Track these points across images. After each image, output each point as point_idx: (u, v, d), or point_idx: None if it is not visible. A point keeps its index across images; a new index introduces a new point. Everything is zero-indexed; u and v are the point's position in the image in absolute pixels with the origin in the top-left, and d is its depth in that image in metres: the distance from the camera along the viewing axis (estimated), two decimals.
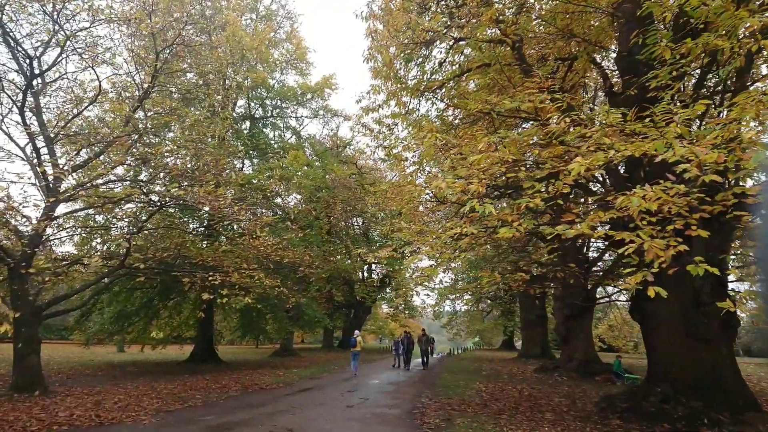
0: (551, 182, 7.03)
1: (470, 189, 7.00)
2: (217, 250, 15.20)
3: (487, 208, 6.59)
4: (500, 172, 7.25)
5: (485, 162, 6.76)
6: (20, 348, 11.58)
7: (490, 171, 7.04)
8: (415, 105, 12.28)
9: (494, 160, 6.93)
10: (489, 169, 7.01)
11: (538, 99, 7.17)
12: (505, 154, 6.81)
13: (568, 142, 7.08)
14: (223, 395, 12.84)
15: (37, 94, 11.72)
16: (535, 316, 29.50)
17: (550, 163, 7.12)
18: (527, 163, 7.20)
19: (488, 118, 10.69)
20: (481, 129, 9.26)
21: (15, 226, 10.47)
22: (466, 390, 14.05)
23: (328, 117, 28.00)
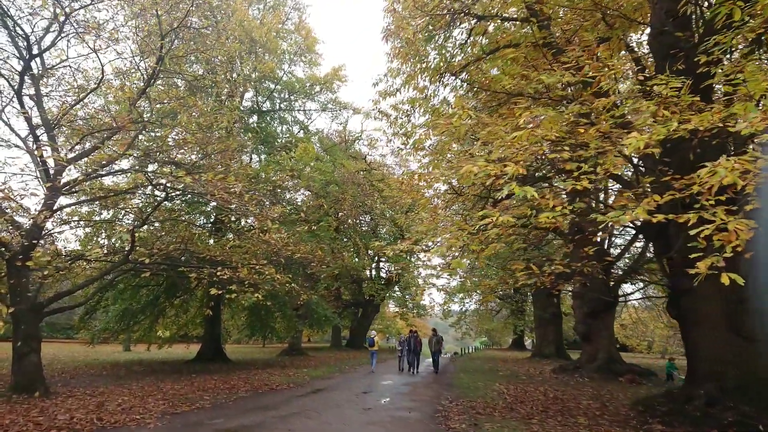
0: (599, 163, 6.32)
1: (507, 172, 6.31)
2: (225, 245, 14.59)
3: (528, 191, 5.91)
4: (540, 153, 6.56)
5: (526, 140, 6.05)
6: (19, 346, 10.98)
7: (530, 151, 6.34)
8: (433, 90, 11.60)
9: (533, 140, 6.23)
10: (529, 149, 6.31)
11: (585, 70, 6.46)
12: (547, 132, 6.10)
13: (617, 117, 6.37)
14: (232, 396, 12.20)
15: (37, 79, 11.12)
16: (550, 315, 28.73)
17: (594, 143, 6.43)
18: (569, 144, 6.48)
19: (515, 102, 9.99)
20: (512, 111, 8.54)
21: (11, 217, 9.86)
22: (487, 391, 13.35)
23: (338, 110, 27.31)
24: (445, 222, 10.06)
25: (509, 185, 6.07)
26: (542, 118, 6.07)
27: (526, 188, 5.95)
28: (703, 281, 5.98)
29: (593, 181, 6.08)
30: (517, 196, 6.64)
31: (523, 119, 6.01)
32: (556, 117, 6.11)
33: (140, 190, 12.44)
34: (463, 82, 11.36)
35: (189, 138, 9.14)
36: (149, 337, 22.20)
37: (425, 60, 10.07)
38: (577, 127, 6.42)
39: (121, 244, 15.15)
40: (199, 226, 16.09)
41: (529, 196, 5.91)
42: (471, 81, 10.48)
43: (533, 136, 6.19)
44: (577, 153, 6.36)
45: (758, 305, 8.32)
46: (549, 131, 5.99)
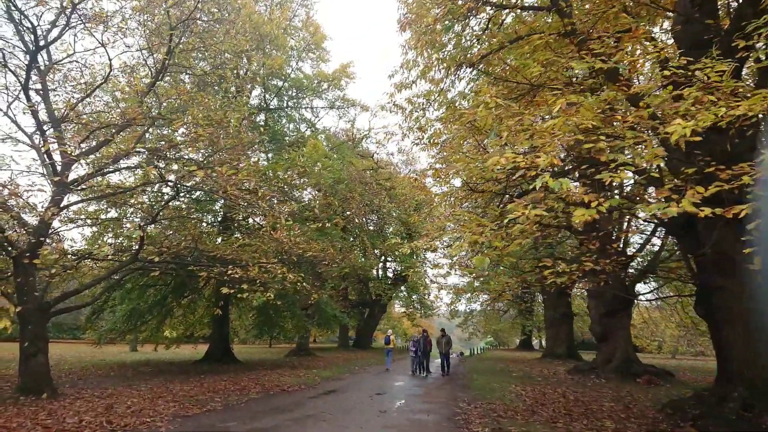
0: (637, 153, 5.96)
1: (538, 163, 5.96)
2: (233, 244, 14.29)
3: (564, 183, 5.55)
4: (574, 143, 6.20)
5: (562, 128, 5.70)
6: (26, 347, 10.71)
7: (564, 140, 5.99)
8: (449, 83, 11.24)
9: (567, 129, 5.88)
10: (562, 138, 5.96)
11: (619, 56, 6.10)
12: (583, 120, 5.74)
13: (655, 104, 6.01)
14: (243, 398, 11.90)
15: (43, 73, 10.86)
16: (561, 315, 28.31)
17: (630, 132, 6.07)
18: (604, 133, 6.12)
19: (537, 93, 9.64)
20: (536, 101, 8.20)
21: (18, 213, 9.59)
22: (504, 393, 12.98)
23: (346, 107, 26.96)
24: (462, 218, 9.71)
25: (542, 177, 5.73)
26: (579, 105, 5.70)
27: (562, 180, 5.60)
28: (736, 278, 5.67)
29: (635, 171, 5.71)
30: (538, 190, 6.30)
31: (558, 106, 5.65)
32: (594, 103, 5.75)
33: (150, 186, 12.15)
34: (480, 74, 11.00)
35: (201, 132, 8.82)
36: (157, 337, 21.94)
37: (443, 50, 9.72)
38: (613, 115, 6.06)
39: (129, 243, 14.91)
40: (209, 224, 15.75)
41: (566, 188, 5.56)
42: (490, 72, 10.12)
43: (567, 125, 5.84)
44: (614, 143, 6.00)
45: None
46: (585, 119, 5.63)
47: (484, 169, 7.37)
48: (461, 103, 12.05)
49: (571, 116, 5.61)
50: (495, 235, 8.11)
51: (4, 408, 9.28)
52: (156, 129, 14.73)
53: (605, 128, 6.07)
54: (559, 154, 5.95)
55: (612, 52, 7.43)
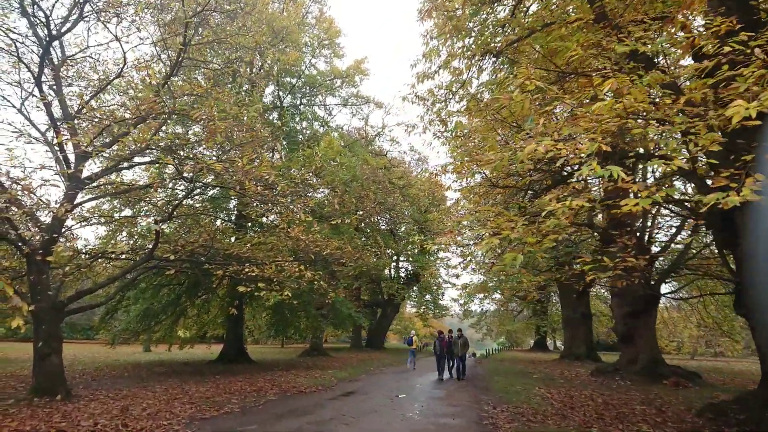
0: (690, 139, 5.52)
1: (582, 149, 5.55)
2: (249, 242, 13.99)
3: (614, 170, 5.14)
4: (617, 129, 5.77)
5: (610, 112, 5.28)
6: (40, 347, 10.46)
7: (610, 126, 5.57)
8: (473, 73, 10.84)
9: (614, 113, 5.46)
10: (609, 123, 5.54)
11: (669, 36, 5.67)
12: (634, 103, 5.32)
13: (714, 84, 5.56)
14: (261, 399, 11.58)
15: (57, 66, 10.62)
16: (580, 315, 27.70)
17: (678, 119, 5.63)
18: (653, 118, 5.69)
19: (567, 81, 9.19)
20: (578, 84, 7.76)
21: (31, 209, 9.33)
22: (529, 396, 12.53)
23: (360, 104, 26.61)
24: (489, 214, 9.30)
25: (588, 164, 5.31)
26: (629, 87, 5.27)
27: (612, 167, 5.18)
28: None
29: (689, 159, 5.28)
30: (577, 181, 5.86)
31: (607, 86, 5.23)
32: (651, 80, 5.31)
33: (165, 183, 11.87)
34: (504, 64, 10.58)
35: (219, 124, 8.48)
36: (170, 337, 21.76)
37: (468, 37, 9.31)
38: (663, 98, 5.63)
39: (143, 242, 14.67)
40: (223, 221, 15.44)
41: (616, 176, 5.14)
42: (516, 60, 9.68)
43: (614, 109, 5.42)
44: (664, 128, 5.57)
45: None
46: (636, 102, 5.21)
47: (514, 159, 6.94)
48: (483, 95, 11.66)
49: (621, 98, 5.19)
50: (527, 231, 7.71)
51: (17, 410, 9.04)
52: (169, 127, 14.49)
53: (656, 112, 5.63)
54: (607, 139, 5.49)
55: (652, 36, 7.01)
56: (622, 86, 5.22)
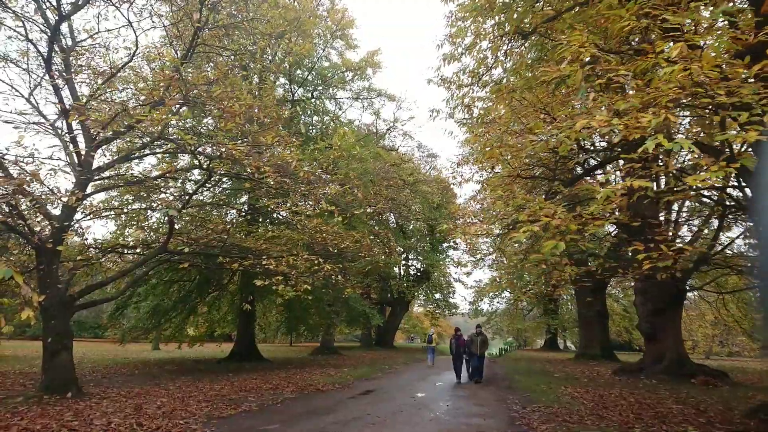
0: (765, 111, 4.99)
1: (644, 123, 5.03)
2: (262, 237, 13.55)
3: (683, 143, 4.63)
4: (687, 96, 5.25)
5: (677, 80, 4.76)
6: (50, 343, 10.04)
7: (676, 95, 5.05)
8: (501, 55, 10.32)
9: (682, 81, 4.94)
10: (674, 92, 5.02)
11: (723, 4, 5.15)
12: (706, 69, 4.80)
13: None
14: (278, 397, 11.11)
15: (68, 50, 10.20)
16: (595, 313, 27.11)
17: (746, 89, 5.11)
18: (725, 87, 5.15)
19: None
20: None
21: (41, 197, 8.90)
22: (557, 396, 12.01)
23: (372, 98, 26.07)
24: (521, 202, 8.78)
25: (653, 138, 4.79)
26: (701, 50, 4.75)
27: (681, 140, 4.67)
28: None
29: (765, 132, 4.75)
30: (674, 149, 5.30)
31: (677, 50, 4.71)
32: (725, 45, 4.79)
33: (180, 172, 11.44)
34: (533, 47, 10.04)
35: (239, 104, 8.00)
36: (180, 335, 21.39)
37: (501, 12, 8.76)
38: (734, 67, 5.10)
39: (156, 235, 14.22)
40: (241, 213, 14.89)
41: (687, 148, 4.63)
42: (551, 38, 9.13)
43: (684, 77, 4.89)
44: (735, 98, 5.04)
45: None
46: (709, 67, 4.69)
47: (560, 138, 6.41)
48: (509, 79, 11.14)
49: (692, 63, 4.67)
50: (567, 218, 7.19)
51: (27, 408, 8.62)
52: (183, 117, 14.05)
53: (731, 80, 5.09)
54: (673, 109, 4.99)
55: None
56: (694, 50, 4.69)
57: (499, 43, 9.96)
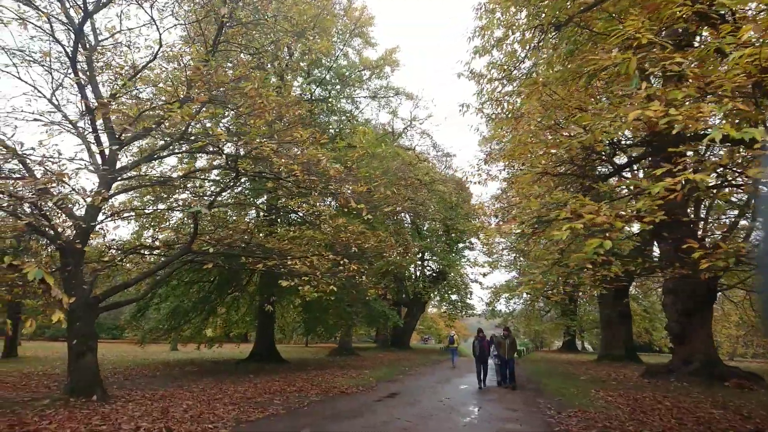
0: None
1: (705, 112, 4.73)
2: (285, 237, 13.37)
3: (755, 133, 4.30)
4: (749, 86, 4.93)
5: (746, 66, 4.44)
6: (75, 345, 9.91)
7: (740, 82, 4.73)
8: (535, 46, 9.99)
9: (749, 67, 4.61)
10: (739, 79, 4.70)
11: None
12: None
13: None
14: (304, 400, 10.90)
15: (91, 49, 10.10)
16: (618, 314, 26.56)
17: None
18: None
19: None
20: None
21: (66, 197, 8.79)
22: (590, 399, 11.65)
23: (389, 97, 25.78)
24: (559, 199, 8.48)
25: (718, 128, 4.48)
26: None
27: (751, 130, 4.35)
28: None
29: None
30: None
31: (745, 33, 4.39)
32: None
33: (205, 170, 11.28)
34: (565, 38, 9.68)
35: (266, 103, 7.78)
36: (200, 336, 21.33)
37: (535, 2, 8.46)
38: None
39: (176, 238, 14.10)
40: (263, 213, 14.67)
41: (760, 138, 4.31)
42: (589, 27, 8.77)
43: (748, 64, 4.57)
44: None
45: None
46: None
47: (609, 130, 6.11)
48: (539, 73, 10.81)
49: (762, 48, 4.34)
50: (611, 215, 6.88)
51: (54, 411, 8.49)
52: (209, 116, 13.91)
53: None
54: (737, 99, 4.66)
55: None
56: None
57: (531, 36, 9.65)
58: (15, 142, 8.37)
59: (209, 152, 10.31)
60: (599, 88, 10.33)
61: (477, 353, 14.98)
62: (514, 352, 14.97)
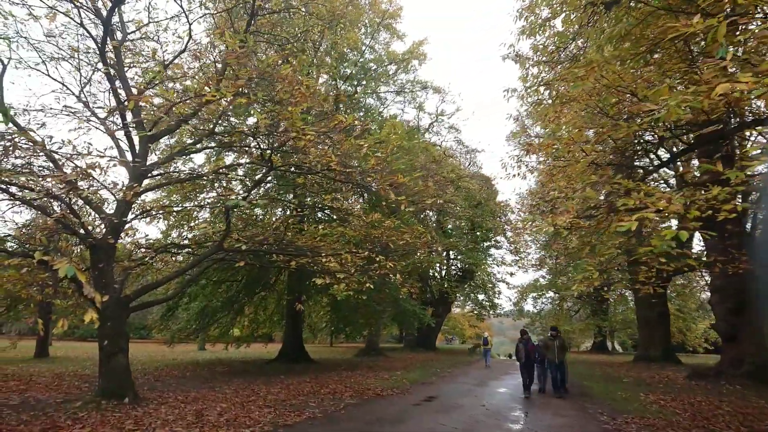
0: None
1: None
2: (314, 234, 12.97)
3: None
4: None
5: None
6: (106, 346, 9.64)
7: None
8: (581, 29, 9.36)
9: None
10: None
11: None
12: None
13: None
14: (339, 403, 10.45)
15: (120, 42, 9.84)
16: (657, 314, 25.52)
17: None
18: None
19: None
20: None
21: (96, 191, 8.51)
22: (642, 404, 10.94)
23: (416, 90, 25.23)
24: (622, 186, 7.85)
25: None
26: None
27: None
28: None
29: None
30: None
31: None
32: None
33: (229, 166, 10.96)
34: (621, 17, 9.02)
35: (304, 89, 7.36)
36: (227, 336, 21.15)
37: None
38: None
39: (206, 235, 13.82)
40: (295, 209, 14.27)
41: None
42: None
43: None
44: None
45: None
46: None
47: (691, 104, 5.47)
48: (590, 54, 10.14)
49: None
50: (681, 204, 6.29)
51: (86, 414, 8.21)
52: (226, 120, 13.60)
53: None
54: None
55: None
56: None
57: (582, 15, 9.04)
58: (44, 136, 8.09)
59: (241, 147, 9.95)
60: (651, 72, 9.66)
61: (523, 358, 13.16)
62: (564, 356, 13.15)
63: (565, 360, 13.17)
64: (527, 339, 13.72)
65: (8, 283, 9.77)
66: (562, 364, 13.00)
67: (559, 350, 13.02)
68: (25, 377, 13.75)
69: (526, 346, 13.35)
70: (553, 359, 12.96)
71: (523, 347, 13.32)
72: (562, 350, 13.09)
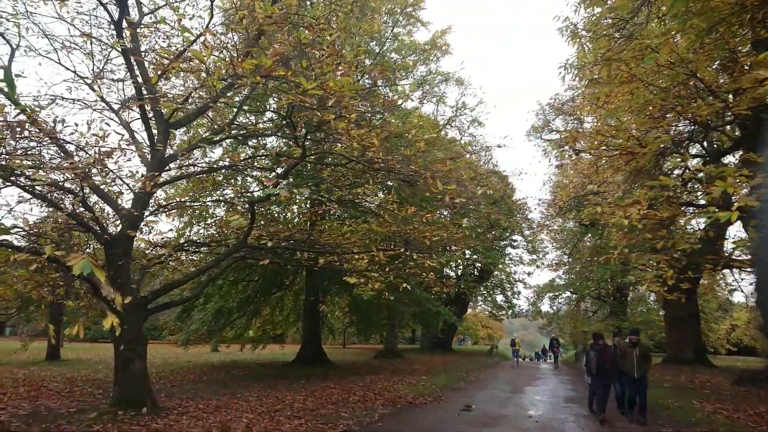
0: None
1: None
2: (339, 231, 12.20)
3: None
4: None
5: None
6: (123, 351, 8.87)
7: None
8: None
9: None
10: None
11: None
12: None
13: None
14: (372, 413, 9.63)
15: (137, 23, 9.11)
16: (687, 315, 24.46)
17: None
18: None
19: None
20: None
21: (112, 182, 7.77)
22: (703, 415, 10.04)
23: (437, 83, 24.34)
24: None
25: None
26: None
27: None
28: None
29: None
30: None
31: None
32: None
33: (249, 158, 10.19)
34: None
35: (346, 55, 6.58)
36: (244, 337, 20.46)
37: None
38: None
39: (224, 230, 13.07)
40: (324, 201, 13.47)
41: None
42: None
43: None
44: None
45: None
46: None
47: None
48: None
49: None
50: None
51: (102, 426, 7.45)
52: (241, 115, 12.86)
53: None
54: None
55: None
56: None
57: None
58: (55, 118, 7.35)
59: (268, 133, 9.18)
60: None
61: (595, 370, 10.09)
62: (647, 367, 9.95)
63: (646, 375, 9.97)
64: (602, 345, 10.43)
65: (18, 284, 9.15)
66: (642, 380, 9.82)
67: (640, 361, 9.81)
68: (36, 382, 13.06)
69: (601, 356, 10.12)
70: (631, 371, 9.79)
71: (595, 356, 10.12)
72: (643, 361, 9.88)
